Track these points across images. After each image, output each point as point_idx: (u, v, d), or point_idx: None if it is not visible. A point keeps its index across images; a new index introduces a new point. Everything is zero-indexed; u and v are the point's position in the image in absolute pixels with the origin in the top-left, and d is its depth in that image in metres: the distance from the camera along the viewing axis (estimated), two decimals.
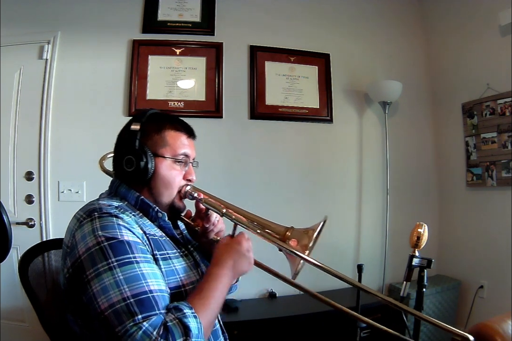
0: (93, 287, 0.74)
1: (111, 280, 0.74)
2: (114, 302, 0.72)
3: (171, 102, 2.41)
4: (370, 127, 2.75)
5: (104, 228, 0.79)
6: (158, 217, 0.93)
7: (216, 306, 0.81)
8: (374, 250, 2.66)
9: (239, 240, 0.91)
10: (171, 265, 0.87)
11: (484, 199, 2.47)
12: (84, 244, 0.78)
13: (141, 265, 0.77)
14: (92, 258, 0.76)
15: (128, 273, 0.75)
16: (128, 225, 0.82)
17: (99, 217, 0.81)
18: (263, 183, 2.51)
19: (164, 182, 0.93)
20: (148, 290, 0.75)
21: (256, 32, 2.59)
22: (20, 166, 2.26)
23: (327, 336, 2.08)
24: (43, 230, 2.22)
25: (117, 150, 0.96)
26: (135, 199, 0.92)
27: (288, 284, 0.95)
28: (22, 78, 2.29)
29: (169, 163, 0.94)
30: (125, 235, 0.80)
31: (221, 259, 0.88)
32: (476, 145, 2.49)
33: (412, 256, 1.14)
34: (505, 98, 2.27)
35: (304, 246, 0.90)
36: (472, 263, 2.52)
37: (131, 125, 0.94)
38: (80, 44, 2.35)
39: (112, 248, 0.77)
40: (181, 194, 0.97)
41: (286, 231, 0.94)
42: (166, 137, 0.94)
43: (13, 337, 2.15)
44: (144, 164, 0.90)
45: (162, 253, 0.87)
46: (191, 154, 0.98)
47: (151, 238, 0.86)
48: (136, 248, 0.79)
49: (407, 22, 2.94)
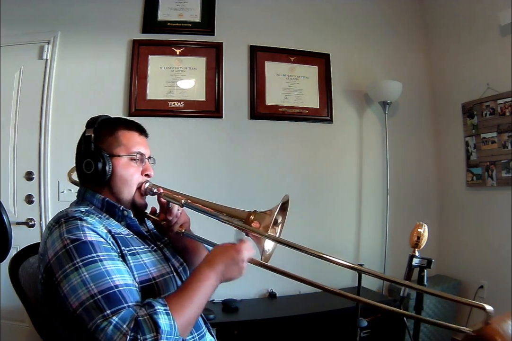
0: (63, 288, 0.77)
1: (78, 279, 0.77)
2: (83, 300, 0.75)
3: (171, 102, 2.41)
4: (370, 127, 2.75)
5: (70, 231, 0.83)
6: (124, 215, 0.97)
7: (197, 305, 0.82)
8: (374, 250, 2.66)
9: (239, 248, 0.89)
10: (140, 260, 0.90)
11: (484, 199, 2.47)
12: (53, 249, 0.82)
13: (104, 263, 0.80)
14: (60, 261, 0.80)
15: (93, 271, 0.78)
16: (92, 226, 0.85)
17: (65, 221, 0.85)
18: (263, 183, 2.50)
19: (122, 180, 0.97)
20: (113, 285, 0.77)
21: (256, 32, 2.59)
22: (20, 166, 2.26)
23: (327, 336, 2.08)
24: (43, 230, 2.22)
25: (77, 157, 1.02)
26: (101, 202, 0.96)
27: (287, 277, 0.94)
28: (22, 78, 2.29)
29: (125, 162, 0.98)
30: (88, 235, 0.83)
31: (213, 261, 0.88)
32: (476, 145, 2.49)
33: (412, 256, 1.14)
34: (505, 98, 2.27)
35: (266, 227, 0.93)
36: (472, 263, 2.52)
37: (86, 132, 0.99)
38: (80, 44, 2.35)
39: (76, 249, 0.80)
40: (142, 191, 1.00)
41: (250, 215, 0.97)
42: (119, 137, 0.99)
43: (13, 337, 2.15)
44: (102, 165, 0.94)
45: (130, 248, 0.90)
46: (145, 151, 1.02)
47: (117, 236, 0.90)
48: (99, 247, 0.82)
49: (407, 22, 2.94)
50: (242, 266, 0.89)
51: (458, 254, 2.65)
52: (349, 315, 1.67)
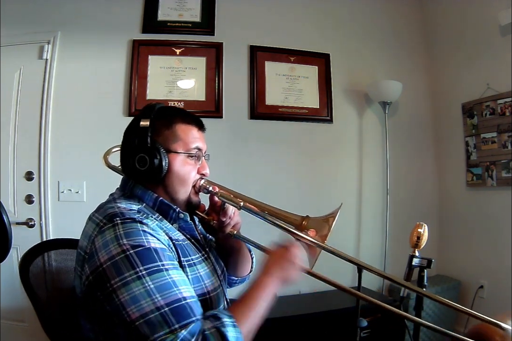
0: (120, 296, 0.71)
1: (141, 289, 0.71)
2: (147, 312, 0.69)
3: (171, 102, 2.40)
4: (370, 127, 2.75)
5: (129, 235, 0.76)
6: (179, 218, 0.91)
7: (258, 315, 0.78)
8: (374, 250, 2.66)
9: (289, 249, 0.86)
10: (196, 271, 0.86)
11: (484, 199, 2.47)
12: (106, 252, 0.75)
13: (170, 272, 0.75)
14: (117, 267, 0.73)
15: (158, 281, 0.72)
16: (154, 232, 0.79)
17: (122, 223, 0.78)
18: (263, 183, 2.50)
19: (180, 179, 0.90)
20: (182, 297, 0.72)
21: (256, 32, 2.59)
22: (20, 166, 2.26)
23: (327, 336, 2.08)
24: (43, 230, 2.22)
25: (127, 148, 0.91)
26: (153, 201, 0.89)
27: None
28: (22, 78, 2.29)
29: (182, 159, 0.90)
30: (151, 242, 0.77)
31: (269, 267, 0.84)
32: (476, 145, 2.49)
33: (412, 256, 1.14)
34: (505, 98, 2.26)
35: (324, 236, 0.89)
36: (472, 263, 2.52)
37: (140, 121, 0.89)
38: (80, 44, 2.35)
39: (139, 256, 0.74)
40: (196, 188, 0.93)
41: (302, 220, 0.93)
42: (177, 131, 0.91)
43: (13, 337, 2.15)
44: (158, 162, 0.85)
45: (188, 259, 0.85)
46: (203, 148, 0.95)
47: (177, 244, 0.84)
48: (164, 255, 0.77)
49: (407, 22, 2.93)
50: (297, 263, 0.86)
51: (458, 254, 2.65)
52: (349, 315, 1.67)
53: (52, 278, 1.06)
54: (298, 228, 0.91)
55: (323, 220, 0.92)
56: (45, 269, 1.06)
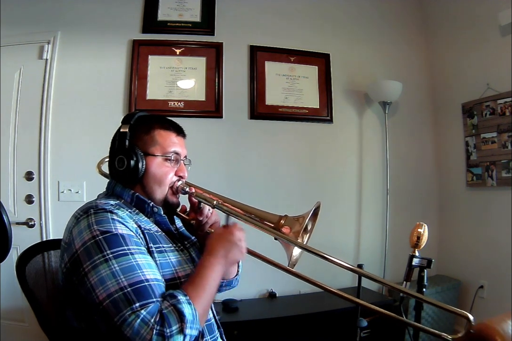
0: (90, 278, 0.77)
1: (107, 271, 0.77)
2: (112, 292, 0.75)
3: (171, 102, 2.41)
4: (370, 127, 2.75)
5: (99, 223, 0.82)
6: (153, 212, 0.97)
7: (210, 293, 0.83)
8: (374, 250, 2.66)
9: (231, 230, 0.93)
10: (166, 258, 0.90)
11: (484, 199, 2.47)
12: (81, 239, 0.81)
13: (135, 256, 0.80)
14: (88, 251, 0.79)
15: (123, 264, 0.78)
16: (122, 220, 0.85)
17: (95, 213, 0.85)
18: (263, 183, 2.50)
19: (156, 179, 0.97)
20: (144, 279, 0.77)
21: (256, 32, 2.59)
22: (20, 166, 2.26)
23: (327, 336, 2.08)
24: (43, 230, 2.22)
25: (111, 152, 1.00)
26: (131, 196, 0.96)
27: (287, 273, 0.96)
28: (22, 78, 2.29)
29: (160, 161, 0.97)
30: (119, 228, 0.83)
31: (213, 249, 0.90)
32: (476, 145, 2.49)
33: (412, 256, 1.14)
34: (505, 98, 2.27)
35: (297, 232, 0.93)
36: (472, 263, 2.52)
37: (121, 128, 0.98)
38: (80, 44, 2.35)
39: (107, 241, 0.80)
40: (173, 189, 1.00)
41: (280, 219, 0.97)
42: (155, 136, 0.98)
43: (13, 337, 2.15)
44: (135, 163, 0.94)
45: (158, 246, 0.90)
46: (181, 152, 1.01)
47: (146, 232, 0.89)
48: (130, 240, 0.83)
49: (407, 22, 2.93)
50: (241, 245, 0.92)
51: (458, 254, 2.65)
52: (349, 315, 1.67)
53: (52, 278, 1.06)
54: (276, 226, 0.96)
55: (298, 218, 0.97)
56: (44, 269, 1.06)
